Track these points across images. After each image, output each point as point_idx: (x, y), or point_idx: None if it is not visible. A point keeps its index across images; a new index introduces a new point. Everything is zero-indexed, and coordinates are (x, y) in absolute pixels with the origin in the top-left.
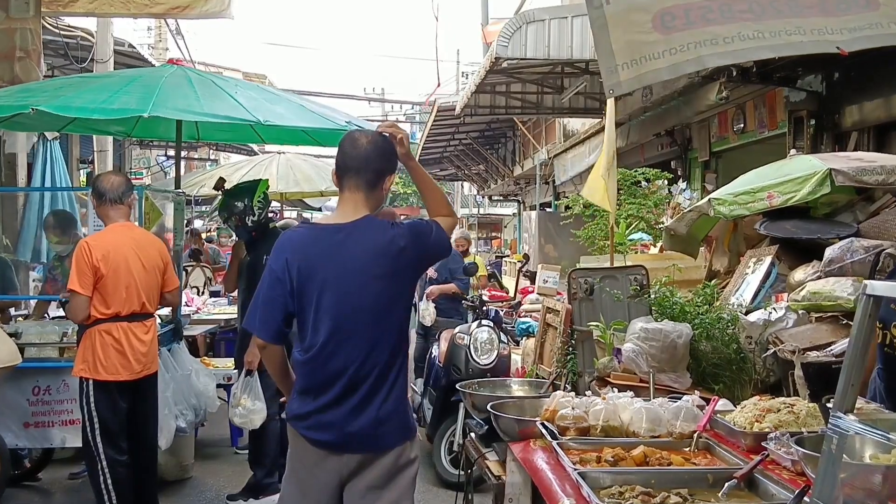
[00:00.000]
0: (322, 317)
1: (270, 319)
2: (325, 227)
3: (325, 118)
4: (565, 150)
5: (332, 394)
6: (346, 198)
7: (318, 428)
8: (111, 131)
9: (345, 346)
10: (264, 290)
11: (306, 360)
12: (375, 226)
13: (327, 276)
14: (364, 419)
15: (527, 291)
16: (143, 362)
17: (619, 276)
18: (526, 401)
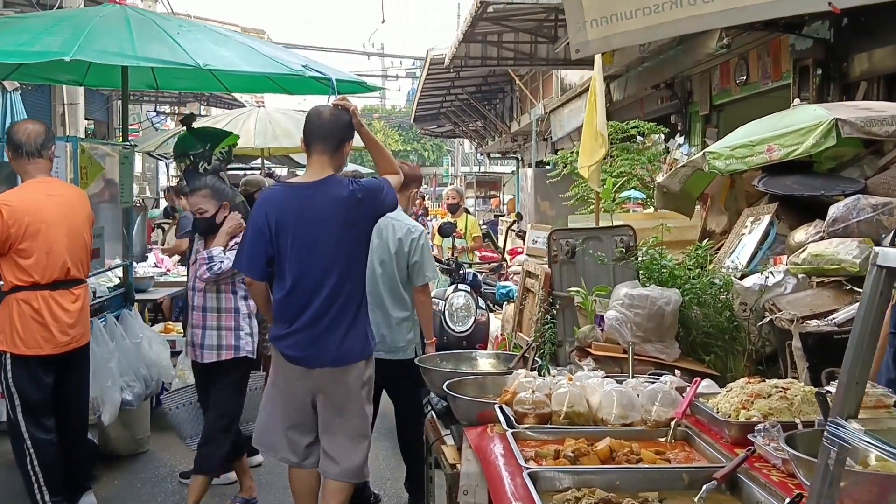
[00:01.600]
0: (294, 260)
1: (256, 261)
2: (297, 185)
3: (277, 62)
4: (562, 105)
5: (304, 321)
6: (313, 161)
7: (294, 347)
8: (61, 80)
9: (312, 284)
10: (249, 238)
11: (283, 295)
12: (337, 183)
13: (298, 225)
14: (331, 340)
15: (516, 252)
16: (69, 335)
17: (603, 237)
18: (489, 378)
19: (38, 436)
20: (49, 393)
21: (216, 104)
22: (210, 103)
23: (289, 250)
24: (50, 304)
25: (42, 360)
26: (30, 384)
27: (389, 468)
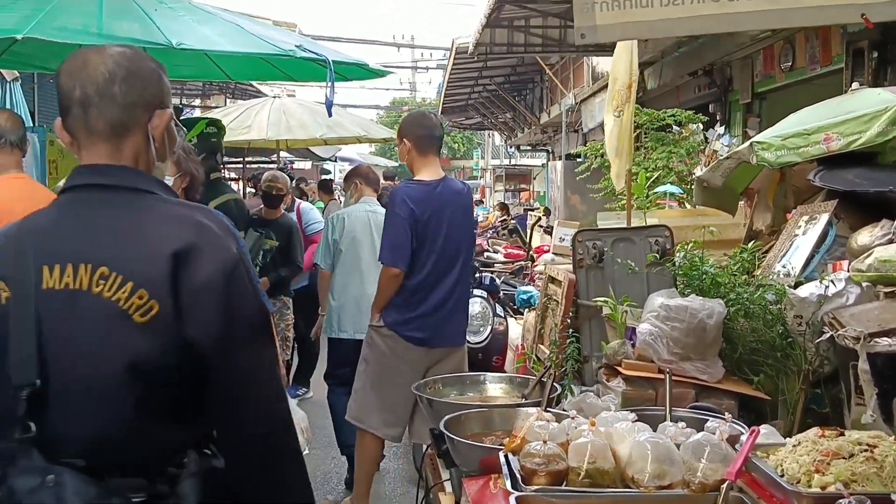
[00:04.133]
0: (432, 250)
1: (404, 252)
2: (430, 182)
3: (266, 42)
4: (593, 94)
5: (431, 305)
6: (431, 161)
7: (419, 329)
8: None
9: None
10: (395, 231)
11: (417, 282)
12: (452, 180)
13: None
14: (451, 325)
15: (542, 250)
16: None
17: (636, 238)
18: (496, 412)
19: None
20: None
21: (241, 96)
22: (235, 95)
23: (428, 241)
24: None
25: None
26: None
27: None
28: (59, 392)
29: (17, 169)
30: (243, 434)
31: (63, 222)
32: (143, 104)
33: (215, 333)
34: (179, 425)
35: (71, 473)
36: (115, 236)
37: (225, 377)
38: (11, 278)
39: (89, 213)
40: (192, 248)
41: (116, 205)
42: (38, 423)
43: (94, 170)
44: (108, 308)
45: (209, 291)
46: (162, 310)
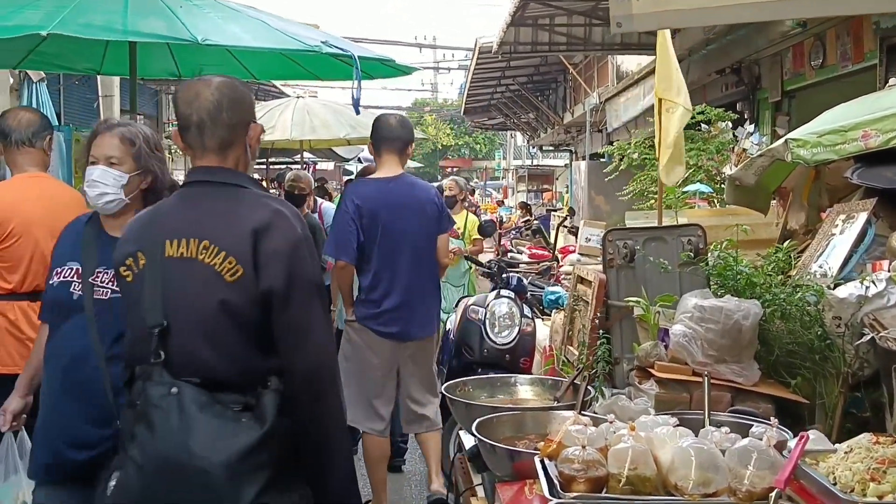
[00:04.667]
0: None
1: (348, 246)
2: (380, 179)
3: (291, 38)
4: (618, 94)
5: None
6: (386, 160)
7: (389, 324)
8: (78, 67)
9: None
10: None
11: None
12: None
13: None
14: (419, 317)
15: (567, 251)
16: None
17: (667, 237)
18: (528, 415)
19: None
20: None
21: (264, 98)
22: (258, 97)
23: (379, 235)
24: (29, 315)
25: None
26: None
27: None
28: (179, 330)
29: (35, 167)
30: (297, 367)
31: (180, 208)
32: (243, 123)
33: (280, 288)
34: (263, 356)
35: (188, 386)
36: (215, 218)
37: (286, 322)
38: (146, 249)
39: (199, 201)
40: (268, 226)
41: (218, 196)
42: (165, 352)
43: (205, 171)
44: (209, 271)
45: (277, 257)
46: (245, 271)
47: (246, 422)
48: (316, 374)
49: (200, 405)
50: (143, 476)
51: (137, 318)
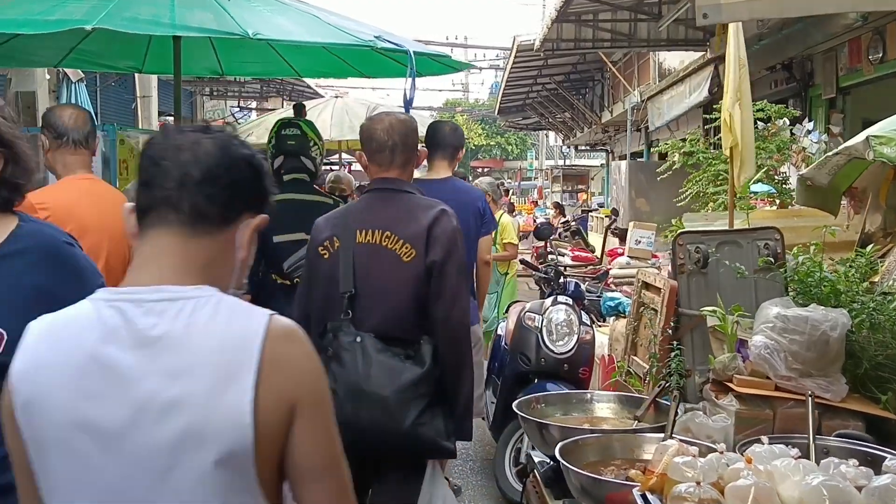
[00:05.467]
0: None
1: None
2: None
3: (344, 32)
4: (661, 91)
5: None
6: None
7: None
8: (119, 66)
9: None
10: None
11: None
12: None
13: None
14: None
15: (615, 254)
16: None
17: (742, 241)
18: (615, 438)
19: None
20: None
21: (297, 98)
22: (292, 97)
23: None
24: None
25: None
26: None
27: None
28: (363, 296)
29: (84, 169)
30: (447, 322)
31: (368, 206)
32: (415, 147)
33: (440, 261)
34: (419, 319)
35: (368, 336)
36: (397, 215)
37: (442, 287)
38: (340, 235)
39: (381, 202)
40: (436, 221)
41: (394, 198)
42: (352, 311)
43: (389, 181)
44: (390, 254)
45: (440, 240)
46: (417, 253)
47: (409, 364)
48: (459, 329)
49: (378, 350)
50: (336, 398)
51: (332, 286)
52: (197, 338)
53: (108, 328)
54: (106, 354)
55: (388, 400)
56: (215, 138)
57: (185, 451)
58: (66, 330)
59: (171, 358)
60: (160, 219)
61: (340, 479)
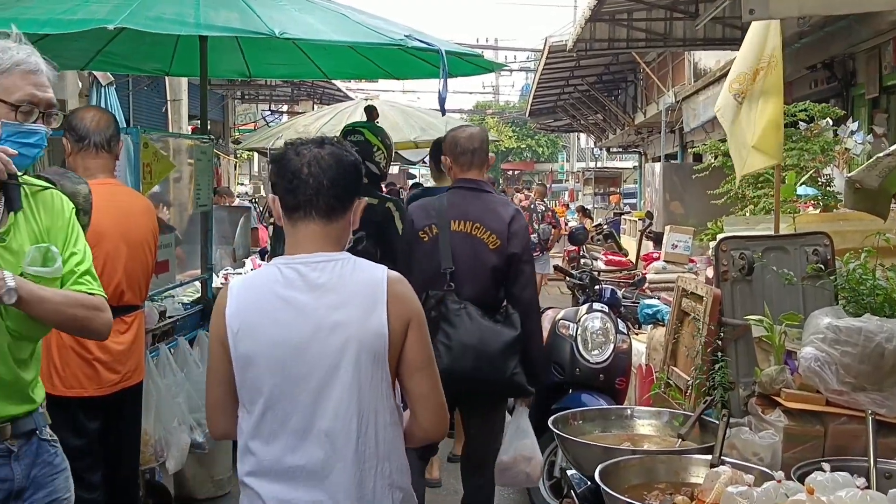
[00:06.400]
0: None
1: None
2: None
3: (372, 31)
4: (696, 92)
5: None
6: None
7: None
8: (146, 69)
9: None
10: None
11: None
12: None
13: None
14: None
15: (651, 258)
16: (119, 372)
17: (789, 247)
18: (659, 460)
19: (80, 495)
20: (94, 444)
21: (328, 101)
22: (323, 101)
23: None
24: None
25: (84, 402)
26: (69, 432)
27: None
28: (458, 273)
29: (106, 174)
30: (524, 298)
31: (458, 201)
32: (488, 152)
33: (519, 252)
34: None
35: (470, 304)
36: (483, 210)
37: (520, 271)
38: (438, 224)
39: (467, 198)
40: (514, 217)
41: (478, 196)
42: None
43: (471, 181)
44: (479, 242)
45: (518, 235)
46: (501, 242)
47: (503, 328)
48: (532, 302)
49: (480, 315)
50: (450, 352)
51: (433, 263)
52: (346, 283)
53: (288, 280)
54: (290, 296)
55: (495, 354)
56: (331, 153)
57: (346, 353)
58: (259, 283)
59: (331, 297)
60: (306, 214)
61: (434, 372)
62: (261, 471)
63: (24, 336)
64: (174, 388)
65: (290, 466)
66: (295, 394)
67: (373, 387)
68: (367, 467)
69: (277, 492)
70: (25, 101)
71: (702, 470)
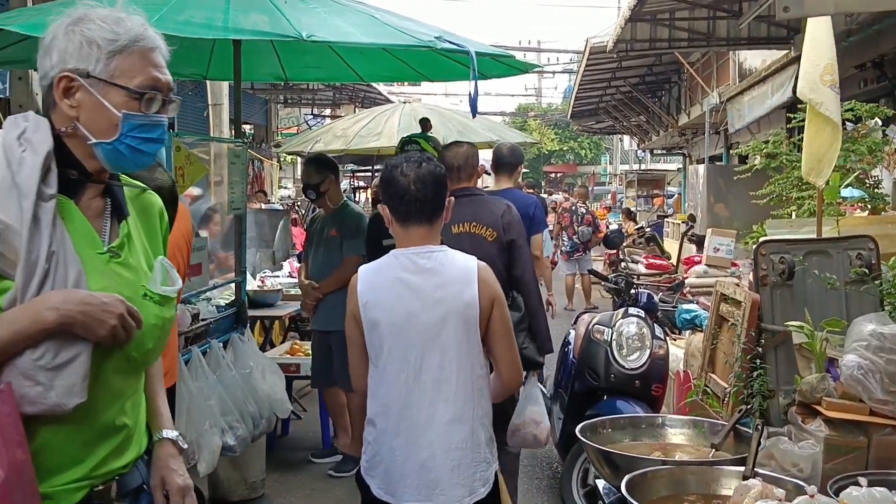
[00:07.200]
0: None
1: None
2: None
3: (402, 32)
4: (741, 92)
5: None
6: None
7: None
8: (184, 73)
9: None
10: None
11: None
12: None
13: None
14: None
15: (692, 261)
16: None
17: (832, 250)
18: (689, 470)
19: None
20: None
21: (370, 105)
22: (364, 104)
23: None
24: None
25: None
26: None
27: None
28: None
29: None
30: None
31: (455, 206)
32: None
33: (516, 239)
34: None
35: None
36: (475, 210)
37: (518, 255)
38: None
39: (462, 203)
40: (505, 211)
41: (472, 199)
42: None
43: (459, 190)
44: (479, 238)
45: (511, 223)
46: (498, 234)
47: (512, 311)
48: (532, 281)
49: None
50: None
51: None
52: (446, 269)
53: (403, 266)
54: (405, 277)
55: None
56: (428, 171)
57: (447, 321)
58: (381, 268)
59: (436, 279)
60: (415, 220)
61: (512, 338)
62: (383, 410)
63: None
64: (206, 391)
65: (406, 405)
66: (408, 351)
67: (468, 347)
68: (466, 407)
69: (395, 425)
70: (148, 87)
71: (734, 482)
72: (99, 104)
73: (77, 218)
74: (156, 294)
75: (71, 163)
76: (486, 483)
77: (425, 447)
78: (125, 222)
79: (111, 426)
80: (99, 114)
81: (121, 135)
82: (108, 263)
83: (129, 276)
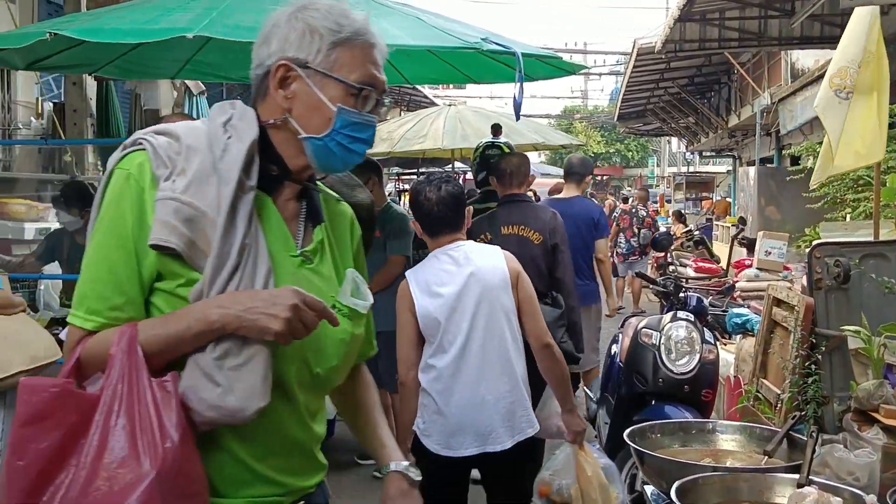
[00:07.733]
0: None
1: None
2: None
3: (448, 34)
4: (793, 93)
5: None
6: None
7: None
8: (233, 76)
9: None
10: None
11: None
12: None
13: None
14: None
15: (743, 265)
16: None
17: (890, 253)
18: (741, 478)
19: None
20: None
21: (415, 108)
22: (409, 107)
23: None
24: None
25: None
26: None
27: None
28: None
29: None
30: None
31: (505, 211)
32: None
33: (559, 243)
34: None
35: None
36: (525, 214)
37: (560, 259)
38: (491, 230)
39: (513, 208)
40: (552, 217)
41: (521, 205)
42: None
43: (511, 196)
44: (526, 240)
45: (557, 230)
46: (544, 238)
47: (551, 308)
48: (571, 283)
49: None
50: None
51: None
52: (476, 256)
53: (442, 260)
54: (445, 268)
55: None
56: (448, 192)
57: (485, 296)
58: (426, 266)
59: (470, 261)
60: (444, 231)
61: (538, 311)
62: (438, 377)
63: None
64: None
65: (458, 369)
66: (458, 323)
67: (505, 313)
68: (507, 364)
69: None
70: (366, 83)
71: (788, 490)
72: (314, 97)
73: (273, 216)
74: (345, 307)
75: (273, 158)
76: (531, 425)
77: (478, 401)
78: (319, 228)
79: (296, 442)
80: (313, 107)
81: (333, 130)
82: (300, 268)
83: (319, 284)
